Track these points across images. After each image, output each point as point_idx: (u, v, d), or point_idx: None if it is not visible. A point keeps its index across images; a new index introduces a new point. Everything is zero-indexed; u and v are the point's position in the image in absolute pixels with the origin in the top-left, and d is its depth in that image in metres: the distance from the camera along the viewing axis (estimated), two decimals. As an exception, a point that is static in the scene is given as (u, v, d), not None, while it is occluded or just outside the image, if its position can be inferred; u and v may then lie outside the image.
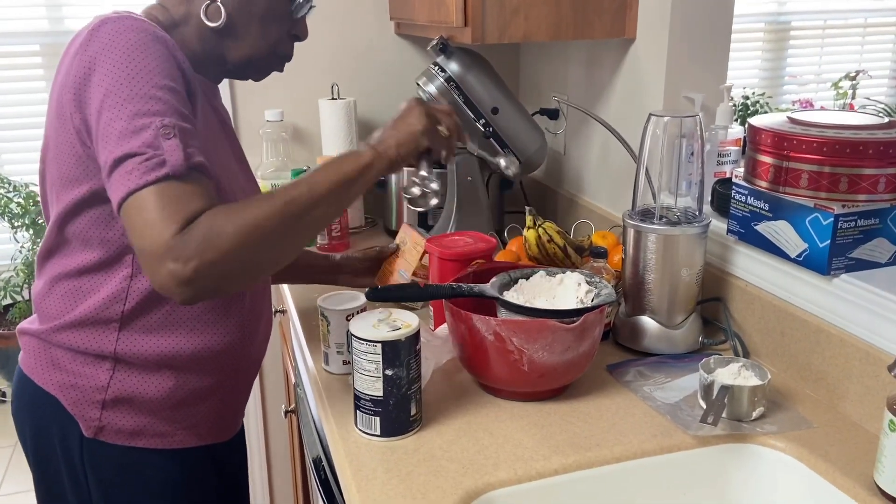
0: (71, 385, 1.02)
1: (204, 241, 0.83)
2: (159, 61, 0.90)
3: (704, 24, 1.37)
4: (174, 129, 0.87)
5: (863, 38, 3.80)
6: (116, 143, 0.86)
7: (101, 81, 0.88)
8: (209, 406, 1.09)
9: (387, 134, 1.01)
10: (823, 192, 1.05)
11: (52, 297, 1.02)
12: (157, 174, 0.84)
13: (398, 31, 1.97)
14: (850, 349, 1.02)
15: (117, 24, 0.91)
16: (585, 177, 1.73)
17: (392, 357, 0.95)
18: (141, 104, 0.87)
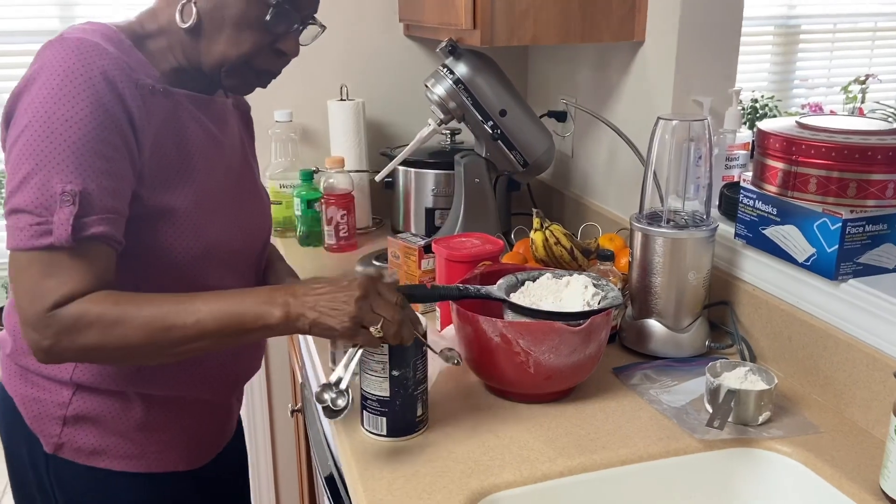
0: (33, 399, 1.00)
1: (64, 331, 0.84)
2: (89, 109, 0.86)
3: (714, 27, 1.37)
4: (74, 196, 0.84)
5: (872, 42, 3.79)
6: (18, 189, 0.85)
7: (26, 110, 0.86)
8: (180, 431, 1.05)
9: (311, 301, 0.88)
10: (832, 197, 1.05)
11: (16, 314, 0.96)
12: (42, 241, 0.84)
13: (407, 33, 1.98)
14: (857, 354, 1.02)
15: (61, 52, 0.87)
16: (593, 179, 1.73)
17: (399, 358, 0.96)
18: (52, 156, 0.85)
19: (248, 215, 1.10)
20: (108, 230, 0.87)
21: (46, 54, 0.88)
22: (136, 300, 0.87)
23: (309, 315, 0.88)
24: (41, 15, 2.58)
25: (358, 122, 1.88)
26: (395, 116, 2.03)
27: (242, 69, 0.99)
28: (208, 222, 0.99)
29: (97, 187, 0.86)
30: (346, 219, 1.73)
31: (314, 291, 0.89)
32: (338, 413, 0.91)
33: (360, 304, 0.88)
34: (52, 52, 0.88)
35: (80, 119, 0.86)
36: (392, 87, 2.01)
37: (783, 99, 3.56)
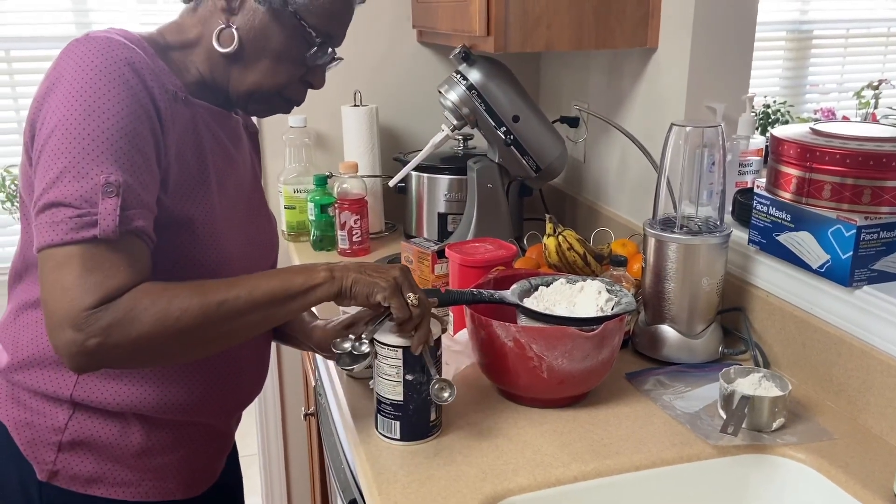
0: (26, 423, 0.95)
1: (116, 324, 0.80)
2: (122, 99, 0.84)
3: (727, 33, 1.37)
4: (118, 187, 0.82)
5: (885, 47, 3.77)
6: (53, 183, 0.81)
7: (56, 108, 0.83)
8: (179, 457, 1.01)
9: (353, 266, 0.93)
10: (846, 204, 1.05)
11: (15, 326, 0.96)
12: (84, 234, 0.80)
13: (420, 40, 1.99)
14: (872, 361, 1.02)
15: (87, 47, 0.85)
16: (605, 185, 1.74)
17: (413, 362, 0.96)
18: (90, 147, 0.82)
19: (259, 233, 1.08)
20: (148, 225, 0.85)
21: (72, 51, 0.86)
22: (181, 286, 0.84)
23: (351, 275, 0.91)
24: (57, 21, 2.61)
25: (371, 127, 1.89)
26: (408, 122, 2.04)
27: (274, 98, 1.01)
28: (224, 236, 0.97)
29: (136, 181, 0.84)
30: (359, 223, 1.74)
31: (357, 268, 0.92)
32: (359, 359, 0.94)
33: (399, 275, 0.93)
34: (78, 49, 0.85)
35: (116, 110, 0.83)
36: (405, 93, 2.02)
37: (795, 104, 3.55)
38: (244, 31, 0.95)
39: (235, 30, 0.95)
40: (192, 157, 0.95)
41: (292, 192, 1.87)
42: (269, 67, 0.97)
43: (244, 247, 1.03)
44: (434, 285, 1.42)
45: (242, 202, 1.05)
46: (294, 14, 0.95)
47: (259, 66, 0.97)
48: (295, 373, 2.12)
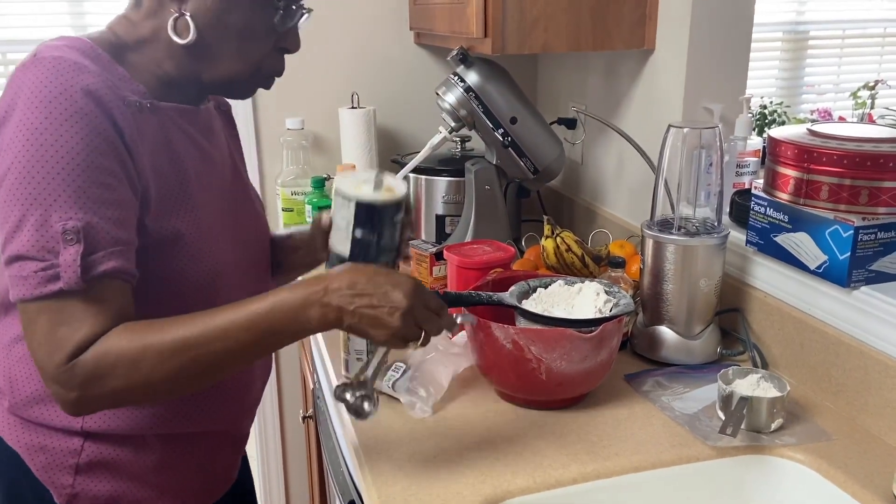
0: (40, 448, 0.92)
1: (89, 379, 0.78)
2: (77, 132, 0.78)
3: (724, 35, 1.37)
4: (77, 233, 0.77)
5: (882, 47, 3.78)
6: (14, 233, 0.78)
7: (8, 147, 0.78)
8: (196, 467, 1.00)
9: (349, 308, 0.81)
10: (843, 205, 1.05)
11: (9, 361, 0.92)
12: (51, 288, 0.77)
13: (418, 41, 1.99)
14: (870, 361, 1.02)
15: (36, 74, 0.78)
16: (603, 186, 1.74)
17: (365, 219, 0.88)
18: (46, 192, 0.77)
19: (247, 229, 1.03)
20: (120, 264, 0.80)
21: (21, 79, 0.79)
22: (155, 327, 0.80)
23: (346, 320, 0.82)
24: (54, 24, 2.61)
25: (369, 129, 1.89)
26: (405, 124, 2.04)
27: (254, 77, 0.93)
28: (214, 243, 0.93)
29: (100, 219, 0.79)
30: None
31: (355, 298, 0.82)
32: (366, 416, 0.86)
33: (405, 320, 0.82)
34: (27, 76, 0.79)
35: (70, 146, 0.77)
36: (403, 95, 2.02)
37: (792, 105, 3.56)
38: (200, 15, 0.86)
39: (189, 17, 0.86)
40: (169, 168, 0.89)
41: (290, 194, 1.87)
42: (239, 48, 0.89)
43: (235, 250, 0.98)
44: (432, 287, 1.42)
45: (228, 201, 0.99)
46: None
47: (227, 49, 0.89)
48: (293, 376, 2.12)
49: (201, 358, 0.80)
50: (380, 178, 0.90)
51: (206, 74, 0.91)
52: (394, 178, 0.92)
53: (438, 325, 0.87)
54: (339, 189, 0.90)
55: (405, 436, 1.03)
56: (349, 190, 0.88)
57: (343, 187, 0.89)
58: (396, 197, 0.89)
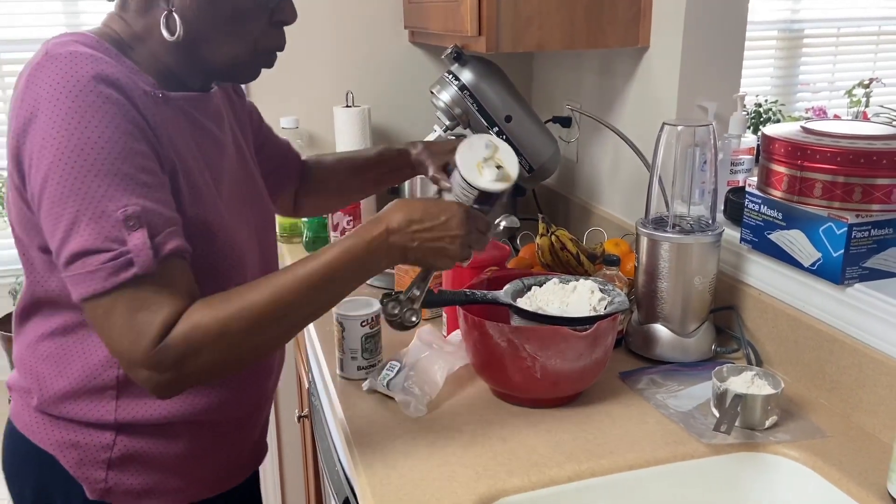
0: (72, 444, 0.92)
1: (182, 357, 0.79)
2: (108, 119, 0.78)
3: (718, 32, 1.37)
4: (139, 218, 0.77)
5: (876, 45, 3.79)
6: (70, 233, 0.77)
7: (42, 149, 0.77)
8: (224, 455, 1.01)
9: (411, 242, 0.88)
10: (837, 202, 1.05)
11: (35, 359, 0.92)
12: (124, 276, 0.77)
13: (412, 40, 1.99)
14: (864, 358, 1.02)
15: (53, 70, 0.78)
16: (598, 185, 1.74)
17: (483, 200, 0.97)
18: (94, 184, 0.76)
19: (258, 213, 1.04)
20: (180, 243, 0.81)
21: (39, 77, 0.78)
22: (234, 296, 0.82)
23: (411, 256, 0.89)
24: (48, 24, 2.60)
25: (364, 128, 1.89)
26: (400, 123, 2.04)
27: (255, 58, 0.92)
28: (235, 229, 0.94)
29: (152, 202, 0.79)
30: (352, 224, 1.74)
31: (417, 230, 0.88)
32: (411, 327, 0.96)
33: (462, 245, 0.90)
34: (44, 74, 0.78)
35: (106, 135, 0.77)
36: (397, 94, 2.02)
37: (787, 103, 3.57)
38: (187, 9, 0.85)
39: (176, 13, 0.85)
40: (189, 158, 0.89)
41: (285, 193, 1.87)
42: (232, 32, 0.88)
43: (251, 234, 1.00)
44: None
45: (238, 186, 1.00)
46: None
47: (220, 36, 0.88)
48: (289, 375, 2.11)
49: (285, 315, 0.83)
50: (500, 164, 0.97)
51: (205, 64, 0.91)
52: (508, 153, 0.99)
53: (485, 243, 0.95)
54: (463, 172, 0.96)
55: (400, 434, 1.03)
56: (471, 175, 0.96)
57: (466, 171, 0.96)
58: (512, 182, 0.97)
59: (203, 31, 0.87)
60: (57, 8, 2.58)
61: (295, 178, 1.24)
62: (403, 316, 0.96)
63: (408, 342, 1.21)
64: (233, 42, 0.89)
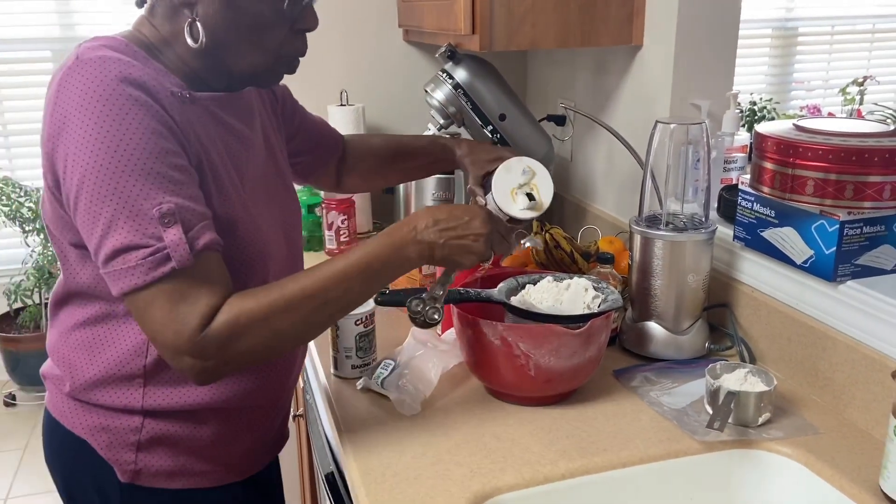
0: (102, 427, 0.95)
1: (225, 344, 0.83)
2: (140, 121, 0.81)
3: (711, 31, 1.38)
4: (174, 215, 0.81)
5: (871, 43, 3.80)
6: (108, 230, 0.80)
7: (77, 152, 0.80)
8: (249, 440, 1.03)
9: (439, 242, 0.92)
10: (829, 199, 1.05)
11: (66, 347, 0.96)
12: (162, 270, 0.80)
13: (406, 39, 1.99)
14: (856, 355, 1.03)
15: (84, 75, 0.81)
16: (592, 183, 1.74)
17: (513, 221, 1.05)
18: (130, 184, 0.80)
19: (284, 208, 1.05)
20: (214, 236, 0.85)
21: (69, 82, 0.81)
22: (274, 287, 0.86)
23: (438, 254, 0.93)
24: (42, 23, 2.59)
25: (358, 127, 1.89)
26: (395, 121, 2.04)
27: (277, 65, 0.95)
28: (262, 226, 0.96)
29: (185, 199, 0.83)
30: (346, 223, 1.74)
31: (444, 229, 0.93)
32: (434, 324, 0.99)
33: (485, 242, 0.95)
34: (74, 79, 0.81)
35: (137, 135, 0.80)
36: (392, 92, 2.02)
37: (781, 101, 3.57)
38: (210, 18, 0.88)
39: (200, 22, 0.88)
40: (216, 156, 0.91)
41: (279, 192, 1.86)
42: (254, 41, 0.91)
43: (277, 230, 1.01)
44: (421, 284, 1.42)
45: (265, 183, 1.02)
46: None
47: (243, 44, 0.91)
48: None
49: (325, 304, 0.88)
50: (534, 191, 1.05)
51: (228, 70, 0.93)
52: (544, 179, 1.06)
53: (508, 247, 1.00)
54: (496, 198, 1.05)
55: (394, 433, 1.03)
56: (504, 201, 1.05)
57: (500, 197, 1.05)
58: (543, 210, 1.05)
59: (225, 39, 0.90)
60: (50, 7, 2.57)
61: (334, 156, 1.30)
62: (426, 314, 0.98)
63: (402, 340, 1.21)
64: (254, 50, 0.92)
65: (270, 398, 1.04)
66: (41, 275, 2.74)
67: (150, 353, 0.93)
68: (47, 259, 2.73)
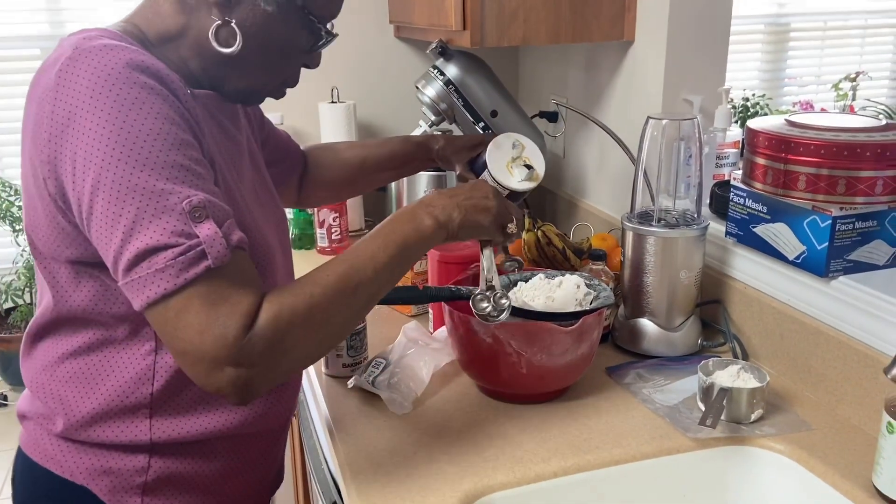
0: (104, 470, 0.86)
1: (271, 345, 0.74)
2: (155, 111, 0.74)
3: (703, 26, 1.37)
4: (204, 208, 0.73)
5: (863, 39, 3.80)
6: (131, 233, 0.72)
7: (89, 150, 0.72)
8: (258, 472, 0.97)
9: (452, 205, 0.91)
10: (821, 195, 1.05)
11: (56, 381, 0.86)
12: (195, 271, 0.72)
13: (398, 35, 1.98)
14: (849, 351, 1.03)
15: (88, 66, 0.73)
16: (584, 179, 1.73)
17: (511, 197, 1.07)
18: (152, 178, 0.72)
19: (273, 211, 1.01)
20: (242, 234, 0.78)
21: (72, 74, 0.74)
22: (306, 280, 0.80)
23: (455, 216, 0.91)
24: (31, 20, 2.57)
25: (349, 124, 1.88)
26: (386, 118, 2.03)
27: (276, 90, 0.92)
28: (263, 233, 0.90)
29: (209, 193, 0.76)
30: (338, 221, 1.73)
31: (452, 196, 0.92)
32: (502, 314, 0.95)
33: (497, 203, 0.94)
34: (77, 71, 0.73)
35: (154, 127, 0.73)
36: (383, 89, 2.01)
37: (774, 97, 3.57)
38: (246, 28, 0.83)
39: (237, 27, 0.82)
40: (219, 156, 0.86)
41: (270, 190, 1.85)
42: (275, 63, 0.88)
43: (272, 232, 0.96)
44: (413, 282, 1.42)
45: (254, 189, 0.97)
46: (303, 9, 0.85)
47: (263, 64, 0.87)
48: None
49: (362, 287, 0.82)
50: (529, 164, 1.07)
51: (229, 83, 0.88)
52: (534, 151, 1.09)
53: (517, 212, 0.98)
54: (494, 174, 1.06)
55: (385, 432, 1.02)
56: (502, 176, 1.06)
57: (497, 173, 1.06)
58: (539, 180, 1.07)
59: (250, 53, 0.85)
60: (39, 5, 2.55)
61: (298, 170, 1.24)
62: (498, 303, 0.95)
63: (393, 339, 1.20)
64: (266, 72, 0.89)
65: (281, 422, 0.98)
66: (32, 274, 2.72)
67: (158, 379, 0.85)
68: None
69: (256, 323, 0.74)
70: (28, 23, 2.58)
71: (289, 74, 0.92)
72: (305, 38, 0.88)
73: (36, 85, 0.78)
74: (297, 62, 0.91)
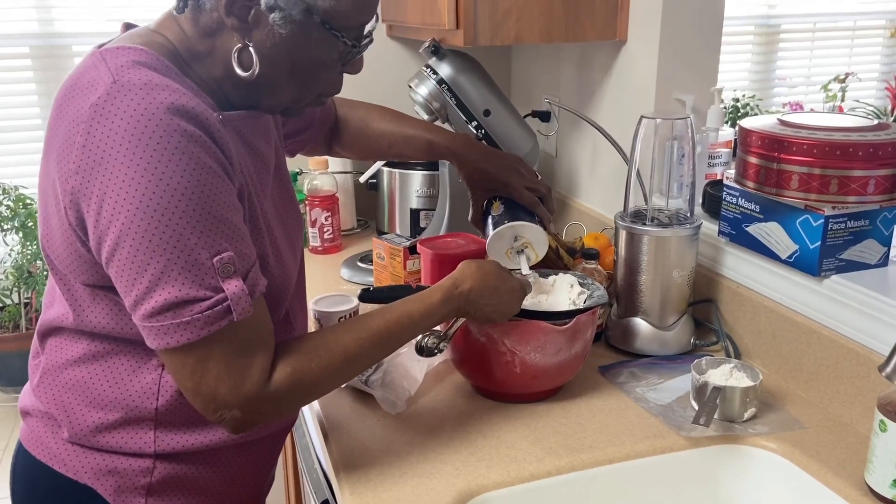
0: (109, 471, 0.86)
1: (283, 400, 0.81)
2: (198, 161, 0.73)
3: (695, 26, 1.37)
4: (233, 263, 0.75)
5: (852, 40, 3.83)
6: (158, 284, 0.73)
7: (119, 193, 0.72)
8: (261, 472, 0.98)
9: (481, 311, 0.98)
10: (814, 194, 1.05)
11: (57, 387, 0.87)
12: (221, 324, 0.75)
13: (390, 33, 1.97)
14: (841, 350, 1.03)
15: (134, 109, 0.72)
16: (577, 179, 1.73)
17: None
18: (188, 233, 0.73)
19: (294, 232, 0.99)
20: (263, 279, 0.80)
21: (109, 111, 0.72)
22: (318, 348, 0.84)
23: (471, 315, 0.99)
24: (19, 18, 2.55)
25: (341, 123, 1.87)
26: (378, 117, 2.02)
27: (314, 102, 0.90)
28: (282, 261, 0.91)
29: (240, 243, 0.77)
30: (330, 220, 1.73)
31: (482, 304, 0.97)
32: (435, 354, 1.00)
33: (517, 306, 1.01)
34: (117, 108, 0.72)
35: (195, 180, 0.73)
36: (375, 88, 2.00)
37: (764, 98, 3.59)
38: (265, 50, 0.81)
39: (254, 50, 0.80)
40: (250, 186, 0.85)
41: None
42: (304, 80, 0.86)
43: (292, 257, 0.96)
44: (406, 281, 1.41)
45: (276, 204, 0.95)
46: (322, 23, 0.81)
47: (291, 82, 0.85)
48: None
49: (365, 360, 0.89)
50: (528, 247, 1.11)
51: (263, 101, 0.87)
52: (537, 235, 1.11)
53: None
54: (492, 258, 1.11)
55: (379, 431, 1.02)
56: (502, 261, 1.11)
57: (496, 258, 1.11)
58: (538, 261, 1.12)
59: (273, 75, 0.83)
60: (28, 2, 2.53)
61: (322, 133, 1.26)
62: (438, 348, 1.00)
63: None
64: (299, 88, 0.87)
65: (285, 425, 0.99)
66: (20, 274, 2.70)
67: (162, 396, 0.85)
68: (26, 258, 2.69)
69: (271, 382, 0.79)
70: (16, 20, 2.56)
71: (325, 86, 0.89)
72: (332, 51, 0.85)
73: (66, 105, 0.77)
74: (332, 73, 0.88)
